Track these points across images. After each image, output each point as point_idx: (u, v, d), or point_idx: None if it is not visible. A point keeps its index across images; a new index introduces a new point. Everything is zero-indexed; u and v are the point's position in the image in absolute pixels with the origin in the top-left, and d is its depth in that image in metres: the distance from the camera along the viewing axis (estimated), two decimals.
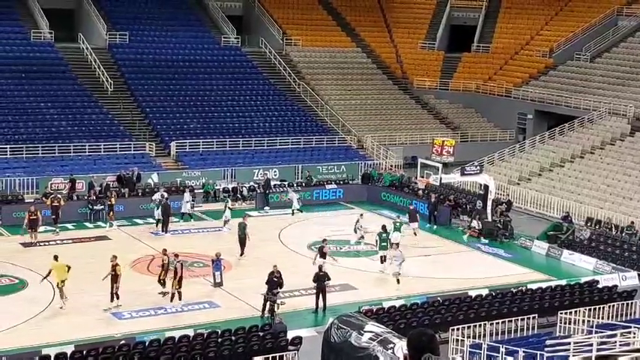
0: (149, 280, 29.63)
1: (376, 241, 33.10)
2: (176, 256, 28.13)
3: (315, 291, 27.95)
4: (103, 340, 23.53)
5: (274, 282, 26.85)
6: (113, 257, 27.42)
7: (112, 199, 37.83)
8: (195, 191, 41.64)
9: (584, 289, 28.69)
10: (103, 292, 27.19)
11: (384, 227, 33.54)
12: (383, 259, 32.34)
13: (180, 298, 27.42)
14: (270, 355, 22.24)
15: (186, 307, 27.46)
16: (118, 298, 27.07)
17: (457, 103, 60.23)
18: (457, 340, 22.92)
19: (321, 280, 27.84)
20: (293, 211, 40.98)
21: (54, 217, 36.13)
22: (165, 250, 28.84)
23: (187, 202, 39.12)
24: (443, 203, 41.19)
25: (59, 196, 37.17)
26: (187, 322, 26.22)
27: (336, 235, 36.96)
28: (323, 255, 30.35)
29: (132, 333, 24.72)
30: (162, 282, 28.06)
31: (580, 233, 37.27)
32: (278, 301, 26.52)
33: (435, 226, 39.50)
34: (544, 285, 29.30)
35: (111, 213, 37.56)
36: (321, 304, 27.76)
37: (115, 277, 26.97)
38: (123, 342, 22.85)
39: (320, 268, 28.28)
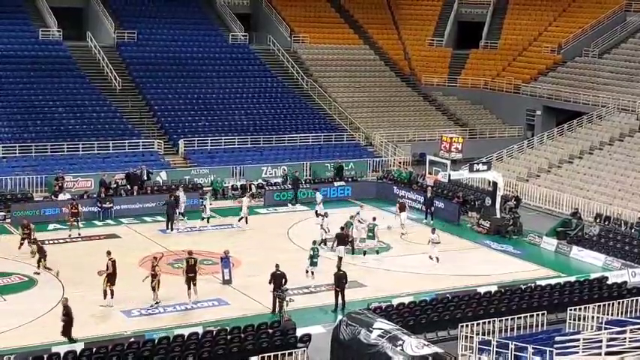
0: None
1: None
2: (108, 253, 27.53)
3: (333, 290, 27.81)
4: (112, 338, 23.57)
5: (278, 276, 26.86)
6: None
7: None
8: (204, 189, 41.48)
9: (593, 286, 28.63)
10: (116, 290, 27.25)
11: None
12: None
13: (112, 296, 27.05)
14: (280, 353, 22.26)
15: (195, 305, 27.51)
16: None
17: (465, 100, 60.16)
18: (466, 336, 22.90)
19: (340, 280, 27.69)
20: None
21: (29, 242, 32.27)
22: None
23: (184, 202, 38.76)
24: (439, 198, 41.12)
25: (32, 225, 33.28)
26: (196, 319, 26.28)
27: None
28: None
29: (141, 330, 24.76)
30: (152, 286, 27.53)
31: (589, 229, 37.18)
32: (287, 298, 26.52)
33: (432, 221, 39.32)
34: (553, 281, 29.26)
35: None
36: (340, 302, 27.62)
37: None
38: (132, 339, 22.90)
39: (338, 267, 28.10)
